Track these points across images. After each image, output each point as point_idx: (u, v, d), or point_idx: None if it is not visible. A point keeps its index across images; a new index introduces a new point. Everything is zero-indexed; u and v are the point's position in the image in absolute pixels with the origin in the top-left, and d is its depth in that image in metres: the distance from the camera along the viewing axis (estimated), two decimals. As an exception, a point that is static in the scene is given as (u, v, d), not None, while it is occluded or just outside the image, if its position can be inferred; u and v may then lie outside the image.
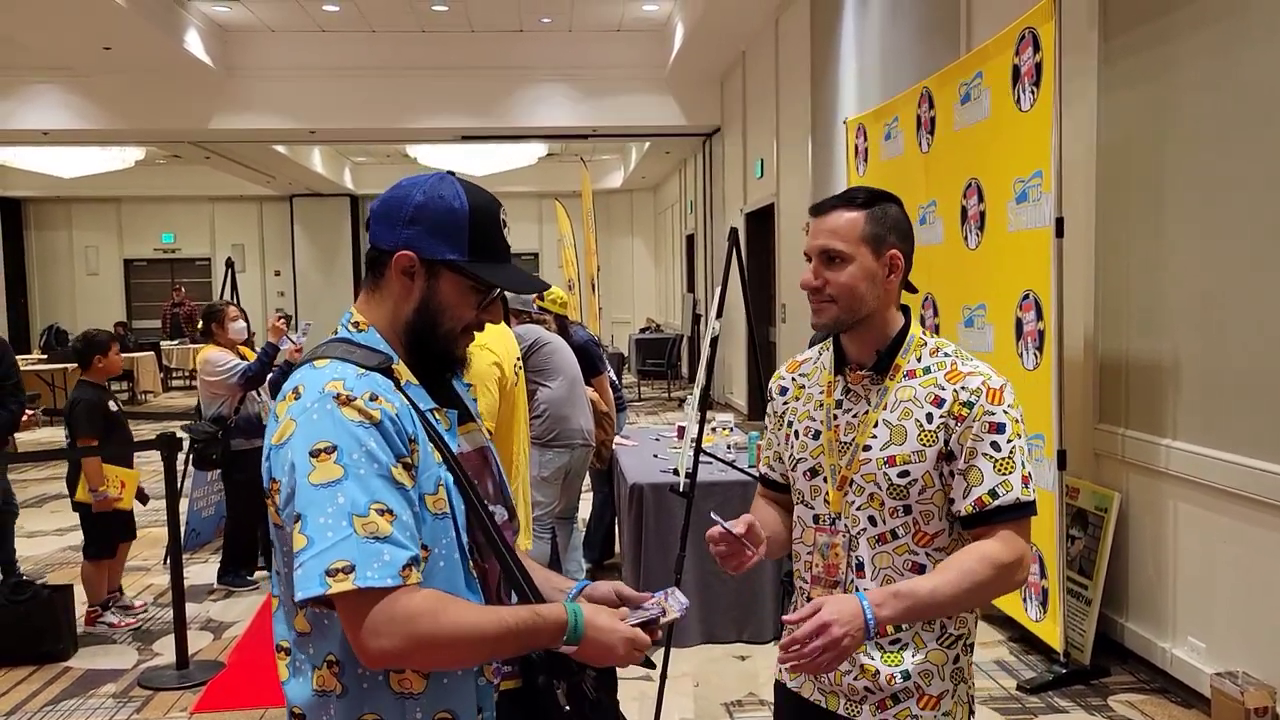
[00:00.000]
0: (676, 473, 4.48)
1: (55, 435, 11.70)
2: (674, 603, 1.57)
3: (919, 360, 1.77)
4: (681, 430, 5.26)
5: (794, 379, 1.93)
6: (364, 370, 1.39)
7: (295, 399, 1.37)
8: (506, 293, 3.37)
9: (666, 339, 15.77)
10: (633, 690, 3.97)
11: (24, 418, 5.22)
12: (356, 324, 1.49)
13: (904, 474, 1.70)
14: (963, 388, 1.70)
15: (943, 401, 1.71)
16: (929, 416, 1.71)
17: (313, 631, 1.40)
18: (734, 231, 4.24)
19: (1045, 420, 4.04)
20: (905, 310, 1.82)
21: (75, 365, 5.28)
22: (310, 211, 20.44)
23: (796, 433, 1.86)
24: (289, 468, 1.33)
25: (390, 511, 1.31)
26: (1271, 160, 3.42)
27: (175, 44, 10.23)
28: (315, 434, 1.32)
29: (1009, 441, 1.69)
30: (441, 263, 1.45)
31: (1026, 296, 4.16)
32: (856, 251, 1.72)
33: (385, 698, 1.39)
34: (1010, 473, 1.68)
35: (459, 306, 1.48)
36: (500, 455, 1.73)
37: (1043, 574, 4.17)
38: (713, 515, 1.75)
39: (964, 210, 4.67)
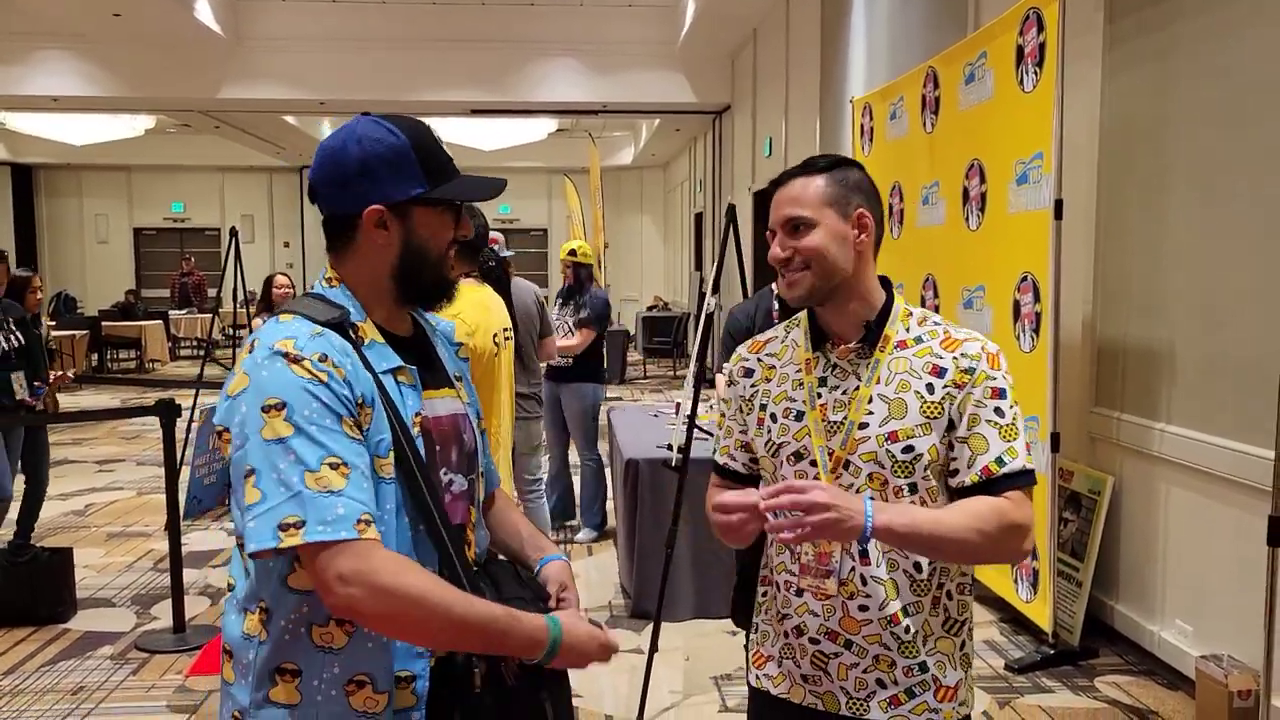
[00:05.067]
0: (671, 448, 4.50)
1: (72, 400, 11.76)
2: None
3: (908, 330, 1.68)
4: (679, 407, 5.28)
5: (759, 359, 1.82)
6: (319, 329, 1.39)
7: (250, 352, 1.39)
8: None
9: (674, 317, 15.75)
10: (623, 664, 4.00)
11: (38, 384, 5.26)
12: (329, 280, 1.51)
13: (908, 449, 1.61)
14: (962, 354, 1.63)
15: (943, 371, 1.63)
16: (930, 388, 1.62)
17: (251, 576, 1.42)
18: (731, 208, 4.25)
19: (1040, 403, 4.04)
20: (885, 281, 1.74)
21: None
22: (320, 183, 20.38)
23: (774, 416, 1.74)
24: (240, 420, 1.34)
25: (345, 464, 1.32)
26: (1274, 145, 3.40)
27: (185, 12, 10.21)
28: (265, 390, 1.33)
29: (1011, 407, 1.62)
30: (409, 201, 1.46)
31: (1025, 279, 4.15)
32: (820, 215, 1.65)
33: (304, 649, 1.39)
34: (1014, 439, 1.61)
35: (438, 234, 1.51)
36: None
37: (1034, 555, 4.18)
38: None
39: (966, 191, 4.65)
